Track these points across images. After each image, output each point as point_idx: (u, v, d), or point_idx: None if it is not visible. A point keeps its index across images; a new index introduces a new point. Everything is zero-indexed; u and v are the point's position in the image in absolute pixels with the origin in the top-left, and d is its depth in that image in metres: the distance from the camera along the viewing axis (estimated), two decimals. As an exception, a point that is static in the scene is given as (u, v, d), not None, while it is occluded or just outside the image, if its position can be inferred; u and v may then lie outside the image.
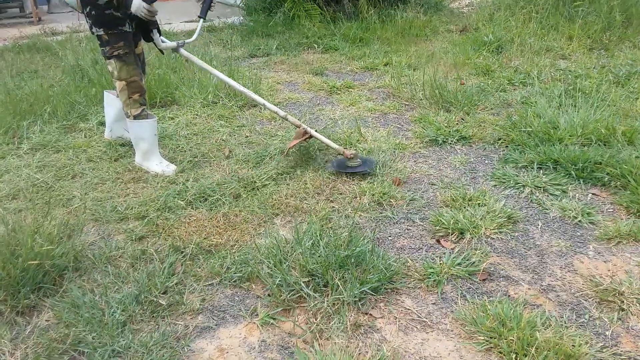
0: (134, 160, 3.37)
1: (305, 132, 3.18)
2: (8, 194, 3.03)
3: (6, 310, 2.06)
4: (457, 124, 3.85)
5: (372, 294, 2.09)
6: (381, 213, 2.74)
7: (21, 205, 2.86)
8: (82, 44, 6.25)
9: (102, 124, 4.01)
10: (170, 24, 8.21)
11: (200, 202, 2.86)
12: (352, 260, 2.18)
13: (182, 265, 2.32)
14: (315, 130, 3.23)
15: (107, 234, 2.61)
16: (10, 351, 1.88)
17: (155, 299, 2.09)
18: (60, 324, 1.99)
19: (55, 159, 3.52)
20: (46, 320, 2.04)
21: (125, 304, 2.05)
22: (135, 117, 3.18)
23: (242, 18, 8.38)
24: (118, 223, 2.70)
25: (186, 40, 3.21)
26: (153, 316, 2.03)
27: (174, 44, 3.16)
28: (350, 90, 4.94)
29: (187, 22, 8.84)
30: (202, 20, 3.30)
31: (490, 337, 1.84)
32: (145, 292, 2.12)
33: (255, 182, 3.04)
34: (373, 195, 2.88)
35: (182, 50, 3.16)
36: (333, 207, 2.79)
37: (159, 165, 3.28)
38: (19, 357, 1.85)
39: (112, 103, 3.58)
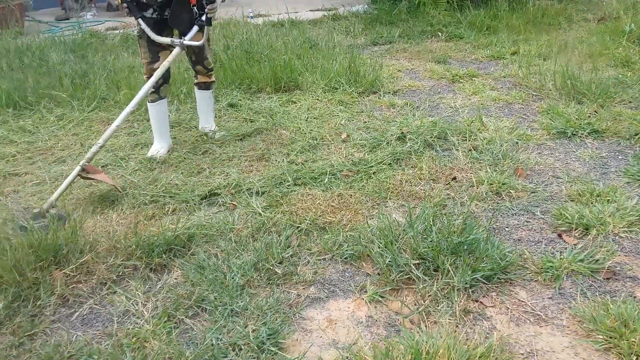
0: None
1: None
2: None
3: (141, 266, 2.28)
4: (590, 116, 3.61)
5: (484, 282, 2.05)
6: (499, 203, 2.67)
7: (157, 175, 3.13)
8: (215, 30, 6.63)
9: (231, 105, 4.27)
10: (297, 12, 8.46)
11: (316, 182, 2.96)
12: (465, 247, 2.16)
13: (297, 239, 2.43)
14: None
15: (231, 205, 2.79)
16: (142, 302, 2.09)
17: (271, 268, 2.22)
18: (187, 282, 2.17)
19: (188, 135, 3.80)
20: (175, 278, 2.23)
21: (244, 270, 2.19)
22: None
23: (366, 6, 8.42)
24: (241, 196, 2.87)
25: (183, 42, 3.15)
26: (269, 283, 2.15)
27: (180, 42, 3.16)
28: (473, 79, 4.80)
29: (312, 10, 9.06)
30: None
31: (610, 337, 1.74)
32: (262, 261, 2.25)
33: (370, 165, 3.09)
34: (491, 184, 2.80)
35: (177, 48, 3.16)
36: (448, 194, 2.76)
37: (154, 146, 3.47)
38: (150, 308, 2.05)
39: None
